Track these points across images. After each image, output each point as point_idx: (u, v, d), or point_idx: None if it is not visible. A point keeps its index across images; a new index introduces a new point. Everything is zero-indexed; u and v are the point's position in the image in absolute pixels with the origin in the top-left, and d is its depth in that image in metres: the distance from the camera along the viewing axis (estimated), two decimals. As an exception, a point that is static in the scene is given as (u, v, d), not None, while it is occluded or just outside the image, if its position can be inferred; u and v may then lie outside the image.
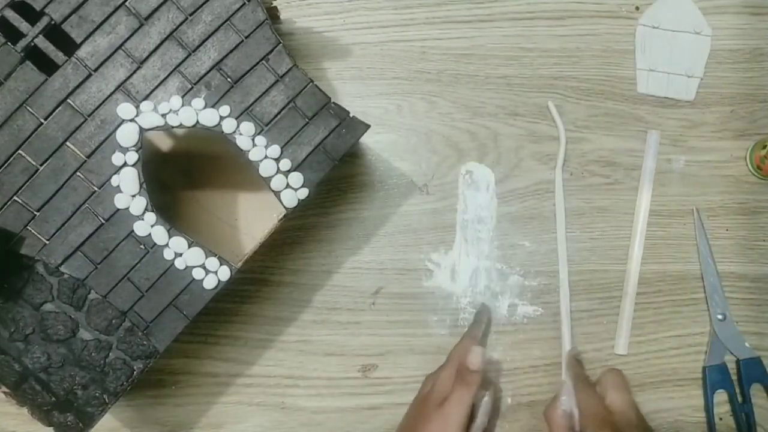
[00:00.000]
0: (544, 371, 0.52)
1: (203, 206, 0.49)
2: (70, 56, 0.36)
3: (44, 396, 0.38)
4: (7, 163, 0.36)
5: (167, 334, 0.39)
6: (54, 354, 0.39)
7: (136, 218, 0.38)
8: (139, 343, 0.39)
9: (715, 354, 0.52)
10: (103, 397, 0.39)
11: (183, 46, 0.38)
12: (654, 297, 0.53)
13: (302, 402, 0.51)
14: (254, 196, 0.49)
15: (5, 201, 0.37)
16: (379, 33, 0.54)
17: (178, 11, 0.37)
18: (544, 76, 0.54)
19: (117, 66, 0.37)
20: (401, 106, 0.54)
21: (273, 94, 0.39)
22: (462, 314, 0.52)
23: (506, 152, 0.54)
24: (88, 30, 0.36)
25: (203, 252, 0.39)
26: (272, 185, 0.40)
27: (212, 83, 0.38)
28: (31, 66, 0.36)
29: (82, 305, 0.39)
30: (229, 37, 0.38)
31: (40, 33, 0.36)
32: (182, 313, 0.39)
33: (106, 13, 0.36)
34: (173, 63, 0.38)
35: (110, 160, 0.37)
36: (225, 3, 0.38)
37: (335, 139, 0.40)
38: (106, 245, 0.38)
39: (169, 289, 0.39)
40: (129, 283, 0.39)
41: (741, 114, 0.55)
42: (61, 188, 0.37)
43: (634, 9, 0.55)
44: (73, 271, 0.38)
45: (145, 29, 0.37)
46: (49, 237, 0.37)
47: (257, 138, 0.39)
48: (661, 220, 0.54)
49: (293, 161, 0.40)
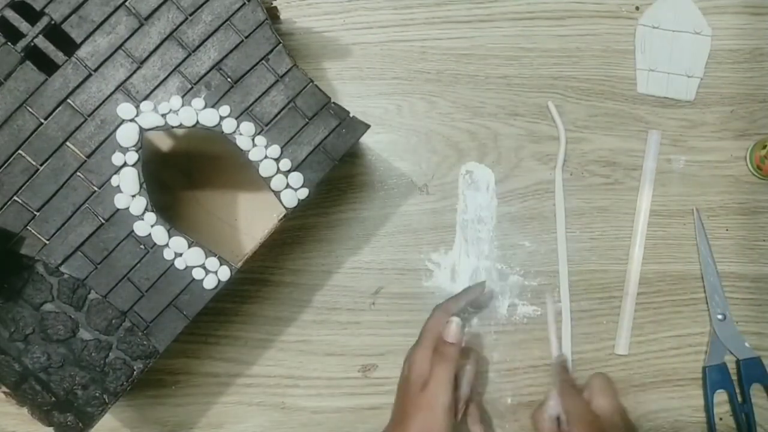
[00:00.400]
0: (544, 371, 0.52)
1: (203, 206, 0.49)
2: (70, 56, 0.36)
3: (44, 396, 0.38)
4: (7, 163, 0.36)
5: (167, 334, 0.39)
6: (54, 354, 0.39)
7: (136, 218, 0.38)
8: (139, 343, 0.39)
9: (715, 354, 0.52)
10: (103, 397, 0.39)
11: (183, 46, 0.38)
12: (654, 297, 0.53)
13: (302, 402, 0.51)
14: (254, 195, 0.49)
15: (5, 201, 0.37)
16: (379, 33, 0.54)
17: (178, 11, 0.37)
18: (544, 76, 0.54)
19: (117, 66, 0.37)
20: (401, 106, 0.54)
21: (273, 94, 0.39)
22: (462, 314, 0.52)
23: (506, 152, 0.54)
24: (88, 30, 0.36)
25: (203, 252, 0.39)
26: (272, 185, 0.40)
27: (212, 83, 0.38)
28: (31, 66, 0.36)
29: (82, 305, 0.39)
30: (229, 37, 0.38)
31: (40, 33, 0.36)
32: (182, 313, 0.39)
33: (106, 13, 0.36)
34: (173, 63, 0.38)
35: (110, 160, 0.37)
36: (225, 3, 0.38)
37: (335, 139, 0.40)
38: (106, 245, 0.38)
39: (169, 289, 0.39)
40: (129, 283, 0.39)
41: (741, 114, 0.55)
42: (61, 188, 0.37)
43: (634, 9, 0.55)
44: (73, 271, 0.38)
45: (145, 29, 0.37)
46: (49, 237, 0.37)
47: (257, 138, 0.39)
48: (661, 220, 0.54)
49: (293, 161, 0.40)
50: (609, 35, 0.55)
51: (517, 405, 0.52)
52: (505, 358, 0.52)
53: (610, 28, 0.55)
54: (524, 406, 0.52)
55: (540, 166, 0.54)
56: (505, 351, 0.52)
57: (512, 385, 0.52)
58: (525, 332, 0.52)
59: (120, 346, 0.39)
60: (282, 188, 0.40)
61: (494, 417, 0.51)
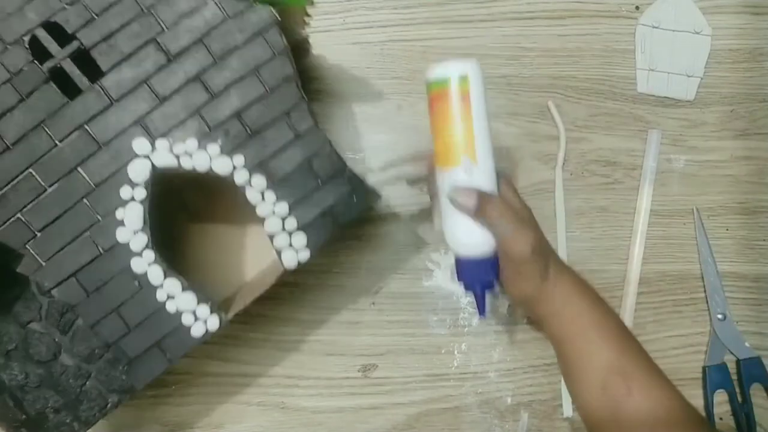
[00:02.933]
0: (544, 371, 0.52)
1: (209, 232, 0.49)
2: (94, 83, 0.36)
3: (15, 413, 0.38)
4: (17, 179, 0.36)
5: (147, 374, 0.39)
6: (32, 374, 0.39)
7: (134, 254, 0.38)
8: (117, 377, 0.39)
9: (715, 354, 0.52)
10: (74, 424, 0.39)
11: (207, 89, 0.37)
12: (654, 297, 0.53)
13: (302, 402, 0.51)
14: (261, 228, 0.49)
15: (8, 216, 0.36)
16: (379, 33, 0.54)
17: (207, 54, 0.37)
18: (544, 76, 0.54)
19: (139, 99, 0.36)
20: (401, 106, 0.54)
21: (290, 150, 0.39)
22: (462, 314, 0.52)
23: (506, 152, 0.54)
24: (115, 59, 0.36)
25: (196, 298, 0.39)
26: (275, 243, 0.39)
27: (231, 131, 0.38)
28: (54, 87, 0.35)
29: (68, 330, 0.39)
30: (254, 87, 0.37)
31: (68, 56, 0.35)
32: (165, 355, 0.39)
33: (135, 45, 0.36)
34: (195, 105, 0.37)
35: (118, 193, 0.37)
36: (255, 53, 0.37)
37: (345, 206, 0.40)
38: (101, 276, 0.38)
39: (157, 329, 0.39)
40: (117, 317, 0.38)
41: (741, 114, 0.55)
42: (65, 212, 0.37)
43: (634, 9, 0.55)
44: (64, 296, 0.38)
45: (171, 67, 0.36)
46: (46, 259, 0.37)
47: (267, 192, 0.39)
48: (661, 220, 0.54)
49: (299, 221, 0.39)
50: (609, 35, 0.55)
51: (517, 405, 0.52)
52: (505, 358, 0.52)
53: (610, 27, 0.55)
54: (524, 406, 0.52)
55: (540, 166, 0.54)
56: (505, 351, 0.52)
57: (512, 385, 0.52)
58: (525, 332, 0.52)
59: (98, 377, 0.39)
60: (284, 247, 0.39)
61: (494, 417, 0.51)
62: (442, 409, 0.52)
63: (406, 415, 0.52)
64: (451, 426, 0.52)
